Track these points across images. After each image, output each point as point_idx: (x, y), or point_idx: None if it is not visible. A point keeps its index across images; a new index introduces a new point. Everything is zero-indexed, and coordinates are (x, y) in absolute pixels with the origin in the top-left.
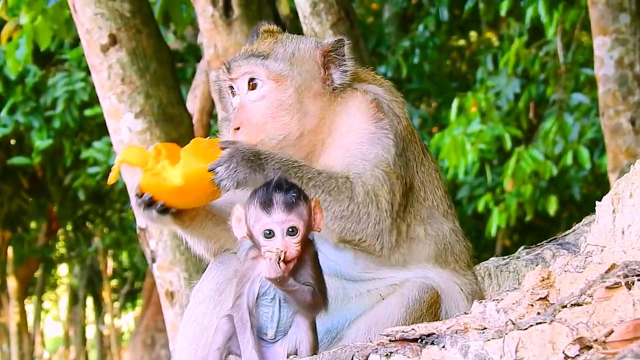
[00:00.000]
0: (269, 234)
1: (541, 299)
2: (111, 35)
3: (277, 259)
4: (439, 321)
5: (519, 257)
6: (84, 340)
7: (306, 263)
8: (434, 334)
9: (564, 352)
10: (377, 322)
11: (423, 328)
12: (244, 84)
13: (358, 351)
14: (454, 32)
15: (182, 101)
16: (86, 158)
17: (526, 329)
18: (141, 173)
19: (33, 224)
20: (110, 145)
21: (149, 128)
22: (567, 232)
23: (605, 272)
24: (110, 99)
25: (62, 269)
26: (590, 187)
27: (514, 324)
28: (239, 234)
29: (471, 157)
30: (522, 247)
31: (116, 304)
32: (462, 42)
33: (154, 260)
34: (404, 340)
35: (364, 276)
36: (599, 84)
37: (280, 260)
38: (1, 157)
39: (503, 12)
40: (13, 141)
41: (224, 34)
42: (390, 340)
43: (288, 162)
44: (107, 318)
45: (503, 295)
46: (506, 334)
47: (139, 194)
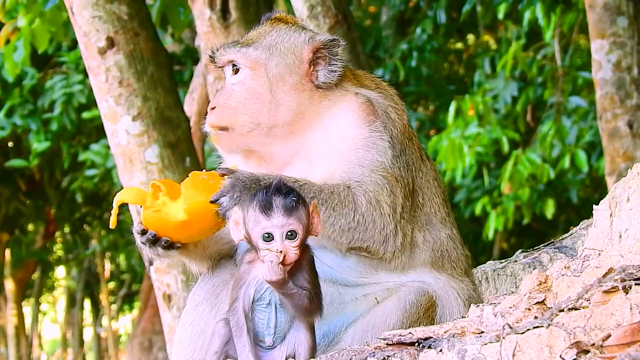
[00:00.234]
0: (268, 238)
1: (538, 302)
2: (109, 38)
3: (277, 261)
4: (436, 325)
5: (516, 261)
6: (81, 342)
7: (303, 268)
8: (431, 337)
9: (561, 356)
10: (374, 326)
11: (420, 332)
12: (229, 69)
13: (355, 355)
14: (451, 35)
15: (179, 104)
16: (84, 160)
17: (523, 332)
18: (142, 211)
19: (30, 227)
20: (108, 147)
21: (147, 131)
22: (565, 235)
23: (603, 276)
24: (107, 101)
25: (60, 271)
26: (588, 190)
27: (511, 327)
28: (236, 237)
29: (469, 160)
30: (520, 250)
31: (114, 307)
32: (459, 45)
33: (151, 263)
34: (401, 344)
35: (360, 281)
36: (596, 87)
37: (280, 263)
38: None
39: (501, 15)
40: (11, 144)
41: (221, 37)
42: (387, 344)
43: (288, 182)
44: (104, 320)
45: (500, 299)
46: (503, 337)
47: (143, 231)
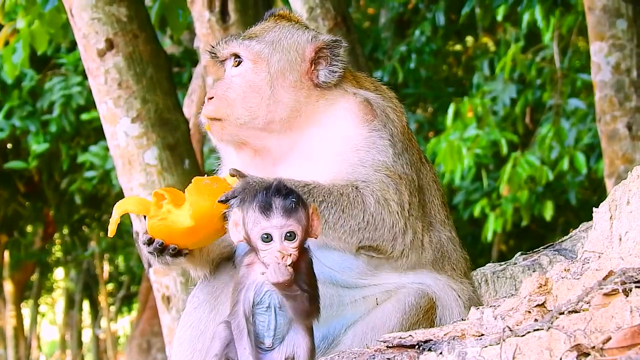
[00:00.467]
0: (267, 238)
1: (538, 305)
2: (108, 40)
3: (283, 262)
4: (436, 327)
5: (515, 263)
6: (80, 344)
7: (302, 270)
8: (431, 340)
9: (561, 359)
10: (373, 328)
11: (420, 334)
12: (230, 61)
13: (355, 357)
14: (450, 37)
15: (178, 106)
16: (82, 162)
17: (523, 335)
18: (147, 221)
19: (29, 228)
20: (107, 149)
21: (146, 133)
22: (564, 238)
23: (603, 279)
24: (107, 103)
25: (59, 272)
26: (587, 192)
27: (511, 330)
28: (235, 238)
29: (467, 162)
30: (519, 253)
31: (112, 308)
32: (458, 47)
33: (150, 265)
34: (401, 346)
35: (360, 283)
36: (595, 89)
37: (283, 263)
38: None
39: (499, 17)
40: (9, 145)
41: (220, 39)
42: (387, 347)
43: (298, 185)
44: (103, 322)
45: (500, 301)
46: (503, 340)
47: (150, 240)
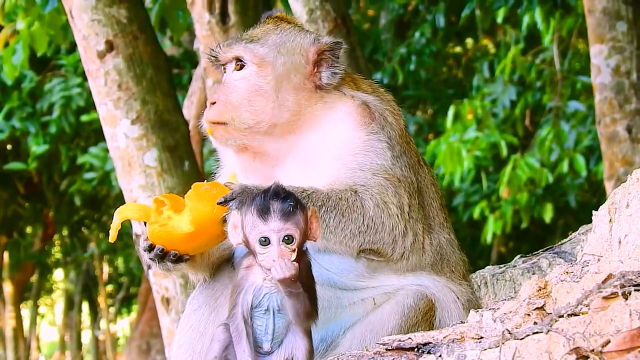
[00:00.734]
0: (265, 242)
1: (538, 308)
2: (108, 42)
3: (289, 258)
4: (436, 330)
5: (515, 266)
6: (79, 345)
7: (301, 273)
8: (431, 343)
9: None
10: (372, 330)
11: (419, 337)
12: (232, 64)
13: None
14: (450, 39)
15: (178, 107)
16: (82, 164)
17: (523, 338)
18: (147, 227)
19: (29, 229)
20: (107, 150)
21: (145, 134)
22: (564, 240)
23: (602, 282)
24: (106, 105)
25: (58, 274)
26: (586, 194)
27: (510, 333)
28: (234, 241)
29: (467, 164)
30: (519, 255)
31: (112, 309)
32: (458, 49)
33: (149, 267)
34: (400, 349)
35: (358, 285)
36: (595, 91)
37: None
38: None
39: (499, 19)
40: (9, 146)
41: (220, 41)
42: (386, 349)
43: (297, 191)
44: (102, 323)
45: (499, 304)
46: (503, 343)
47: (150, 247)
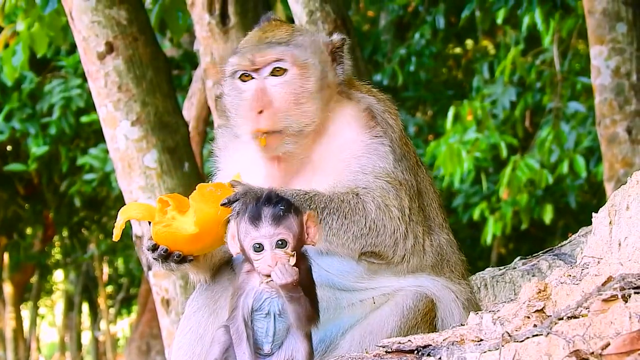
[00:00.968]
0: (259, 248)
1: (538, 311)
2: (108, 43)
3: (289, 263)
4: (435, 332)
5: (515, 268)
6: (79, 346)
7: (301, 276)
8: (430, 345)
9: None
10: (372, 331)
11: (419, 339)
12: (266, 69)
13: None
14: (450, 40)
15: (178, 109)
16: (82, 165)
17: (522, 341)
18: (151, 227)
19: (29, 230)
20: (107, 152)
21: (145, 136)
22: (564, 242)
23: (602, 285)
24: (106, 106)
25: (58, 275)
26: (586, 195)
27: (510, 335)
28: (233, 250)
29: (467, 165)
30: (519, 257)
31: (112, 310)
32: (458, 50)
33: (149, 268)
34: (400, 351)
35: (358, 286)
36: (595, 93)
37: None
38: None
39: (499, 20)
40: (9, 147)
41: (220, 42)
42: (386, 352)
43: (299, 195)
44: (102, 324)
45: (499, 306)
46: (502, 346)
47: (154, 247)
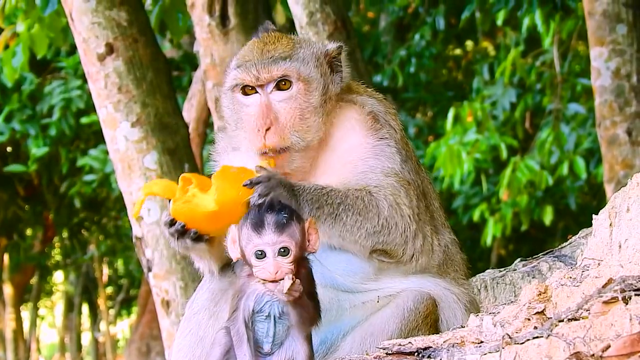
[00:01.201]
0: (261, 255)
1: (538, 313)
2: (108, 45)
3: (293, 278)
4: (436, 334)
5: (515, 269)
6: (79, 347)
7: (302, 279)
8: (431, 347)
9: None
10: (372, 333)
11: (420, 341)
12: (271, 84)
13: None
14: (450, 41)
15: (178, 110)
16: (82, 166)
17: (523, 343)
18: (171, 203)
19: (29, 231)
20: (106, 153)
21: (145, 137)
22: (564, 244)
23: (602, 287)
24: (106, 107)
25: (58, 276)
26: (586, 197)
27: (510, 338)
28: (233, 255)
29: (467, 167)
30: (519, 259)
31: (111, 311)
32: (458, 51)
33: (150, 269)
34: (400, 353)
35: (361, 287)
36: (595, 94)
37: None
38: None
39: (499, 22)
40: (9, 148)
41: (220, 44)
42: (386, 354)
43: (316, 188)
44: (102, 325)
45: (500, 308)
46: (503, 348)
47: (172, 222)
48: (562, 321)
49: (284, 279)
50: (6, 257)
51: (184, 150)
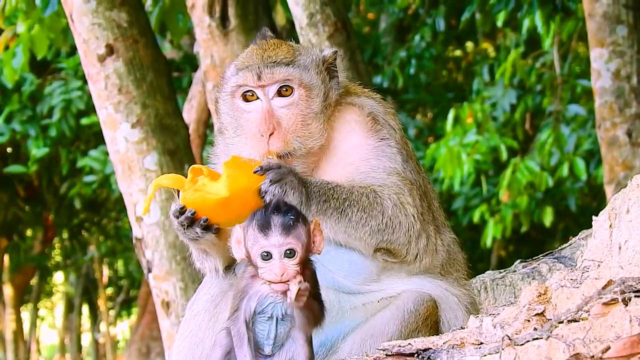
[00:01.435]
0: (267, 257)
1: (538, 314)
2: (108, 46)
3: (302, 286)
4: (436, 336)
5: (515, 271)
6: (79, 348)
7: (306, 280)
8: (431, 348)
9: None
10: (372, 335)
11: (419, 343)
12: (272, 90)
13: None
14: (450, 42)
15: (178, 111)
16: (82, 167)
17: (523, 344)
18: (180, 195)
19: (29, 232)
20: (107, 154)
21: (146, 138)
22: (564, 245)
23: (602, 288)
24: (107, 108)
25: (58, 276)
26: (586, 198)
27: (510, 339)
28: (238, 256)
29: (467, 168)
30: (519, 260)
31: (112, 312)
32: (458, 52)
33: (150, 270)
34: (400, 354)
35: (362, 289)
36: (595, 96)
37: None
38: None
39: (500, 23)
40: (9, 149)
41: (220, 45)
42: (386, 355)
43: (322, 184)
44: (102, 326)
45: (499, 310)
46: (503, 349)
47: (182, 210)
48: (562, 322)
49: (289, 281)
50: (6, 258)
51: (184, 152)
